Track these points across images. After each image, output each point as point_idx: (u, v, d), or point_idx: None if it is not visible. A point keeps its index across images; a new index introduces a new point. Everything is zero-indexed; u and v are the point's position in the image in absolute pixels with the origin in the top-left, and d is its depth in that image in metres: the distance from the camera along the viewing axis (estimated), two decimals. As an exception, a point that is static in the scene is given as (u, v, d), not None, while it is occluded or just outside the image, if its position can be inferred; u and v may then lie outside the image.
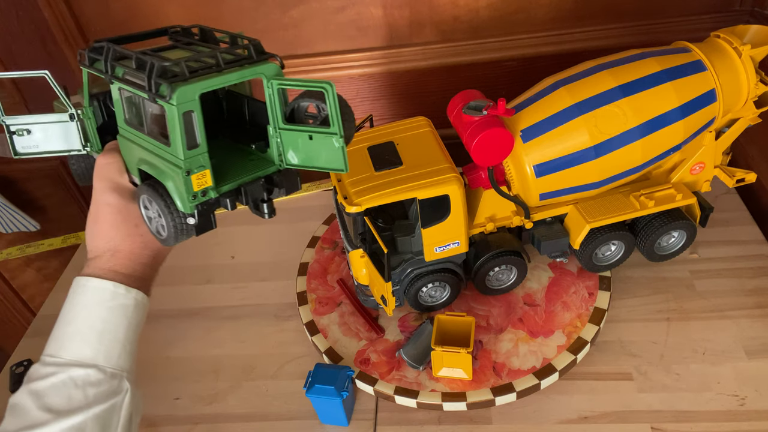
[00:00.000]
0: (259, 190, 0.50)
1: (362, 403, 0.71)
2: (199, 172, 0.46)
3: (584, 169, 0.68)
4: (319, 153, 0.49)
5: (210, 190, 0.48)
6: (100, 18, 0.95)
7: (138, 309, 0.54)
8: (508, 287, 0.78)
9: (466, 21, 0.91)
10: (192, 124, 0.45)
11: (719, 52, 0.68)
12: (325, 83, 0.45)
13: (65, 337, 0.51)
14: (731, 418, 0.64)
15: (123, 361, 0.52)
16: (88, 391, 0.49)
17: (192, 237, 0.51)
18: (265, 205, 0.50)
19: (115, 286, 0.52)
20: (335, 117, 0.46)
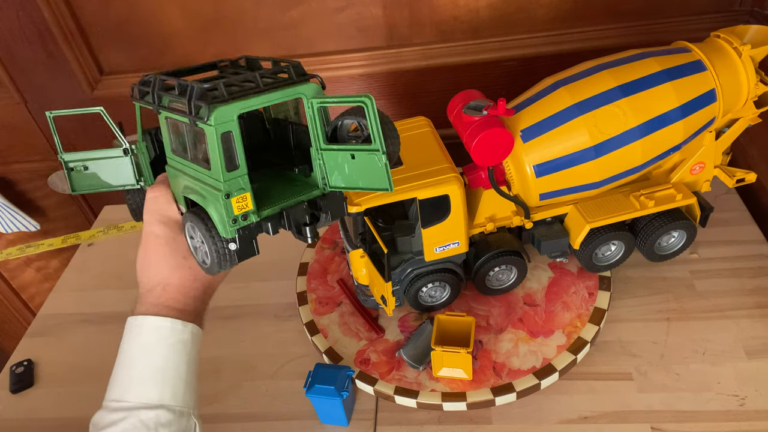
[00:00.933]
0: (302, 214, 0.49)
1: (362, 403, 0.71)
2: (239, 195, 0.46)
3: (584, 169, 0.68)
4: (362, 173, 0.47)
5: (251, 214, 0.47)
6: (100, 18, 0.95)
7: (195, 343, 0.53)
8: (508, 287, 0.78)
9: (466, 21, 0.91)
10: (231, 145, 0.45)
11: (719, 52, 0.68)
12: (364, 96, 0.43)
13: (128, 379, 0.50)
14: (731, 418, 0.64)
15: (188, 397, 0.52)
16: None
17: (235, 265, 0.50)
18: (308, 228, 0.49)
19: (173, 322, 0.51)
20: (376, 133, 0.44)
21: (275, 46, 0.96)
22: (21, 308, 1.40)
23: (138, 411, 0.48)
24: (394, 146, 0.47)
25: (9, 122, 1.09)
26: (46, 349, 0.85)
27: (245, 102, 0.45)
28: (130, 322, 0.52)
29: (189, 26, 0.95)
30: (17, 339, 0.88)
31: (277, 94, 0.47)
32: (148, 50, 0.99)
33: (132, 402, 0.49)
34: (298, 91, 0.48)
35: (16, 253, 1.10)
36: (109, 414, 0.49)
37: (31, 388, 0.80)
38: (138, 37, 0.97)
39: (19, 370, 0.82)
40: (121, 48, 0.99)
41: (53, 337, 0.87)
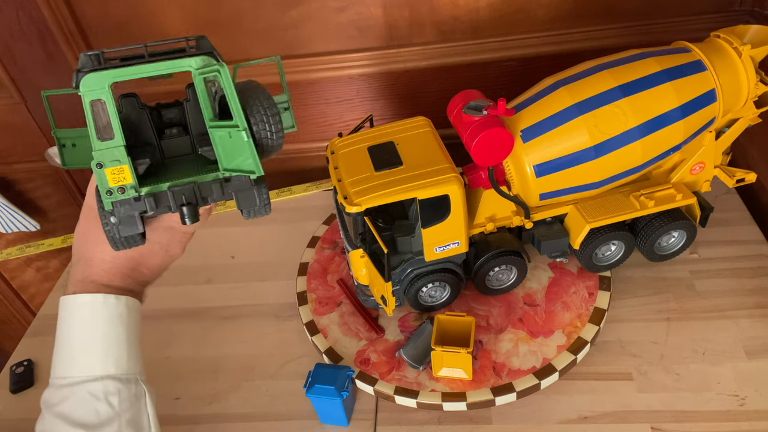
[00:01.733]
0: (186, 194, 0.47)
1: (362, 403, 0.71)
2: (113, 166, 0.44)
3: (584, 169, 0.68)
4: (234, 153, 0.45)
5: (129, 188, 0.45)
6: (100, 18, 0.95)
7: (132, 314, 0.53)
8: (508, 287, 0.78)
9: (466, 21, 0.91)
10: (104, 114, 0.43)
11: (719, 52, 0.68)
12: (217, 66, 0.41)
13: (71, 355, 0.51)
14: (731, 418, 0.64)
15: (133, 364, 0.52)
16: (111, 400, 0.49)
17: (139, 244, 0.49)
18: (184, 209, 0.47)
19: (105, 297, 0.51)
20: (233, 105, 0.42)
21: (275, 46, 0.96)
22: (21, 308, 1.40)
23: (85, 384, 0.49)
24: (268, 128, 0.45)
25: (9, 122, 1.09)
26: (46, 349, 0.84)
27: (119, 71, 0.43)
28: (64, 302, 0.52)
29: (189, 27, 0.95)
30: (17, 339, 0.88)
31: (158, 65, 0.44)
32: (148, 50, 0.98)
33: (77, 376, 0.49)
34: (182, 64, 0.45)
35: (16, 253, 1.11)
36: (58, 391, 0.49)
37: (31, 388, 0.80)
38: (138, 38, 0.97)
39: (19, 370, 0.82)
40: (121, 48, 0.99)
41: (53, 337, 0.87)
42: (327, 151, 0.75)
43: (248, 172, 0.45)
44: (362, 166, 0.69)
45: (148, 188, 0.46)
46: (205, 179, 0.47)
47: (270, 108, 0.46)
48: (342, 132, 0.77)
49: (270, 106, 0.46)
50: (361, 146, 0.72)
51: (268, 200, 0.49)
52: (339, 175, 0.70)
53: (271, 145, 0.47)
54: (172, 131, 0.54)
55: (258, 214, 0.51)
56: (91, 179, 0.54)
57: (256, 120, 0.45)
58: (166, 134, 0.53)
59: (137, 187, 0.45)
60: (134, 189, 0.45)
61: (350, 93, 1.01)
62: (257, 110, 0.45)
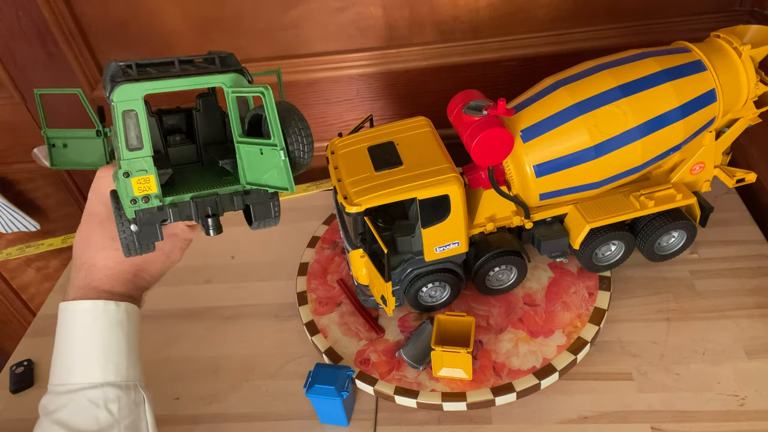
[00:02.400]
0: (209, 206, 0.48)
1: (362, 403, 0.71)
2: (140, 176, 0.45)
3: (584, 169, 0.68)
4: (267, 169, 0.46)
5: (153, 198, 0.46)
6: (100, 18, 0.95)
7: (132, 321, 0.53)
8: (508, 287, 0.78)
9: (466, 21, 0.91)
10: (135, 124, 0.44)
11: (719, 52, 0.68)
12: (262, 87, 0.42)
13: (69, 363, 0.51)
14: (731, 418, 0.64)
15: (132, 371, 0.52)
16: (110, 407, 0.49)
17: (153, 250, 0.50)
18: (210, 220, 0.48)
19: (106, 303, 0.51)
20: (273, 126, 0.43)
21: (275, 46, 0.96)
22: (21, 308, 1.40)
23: (84, 391, 0.49)
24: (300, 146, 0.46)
25: (9, 122, 1.09)
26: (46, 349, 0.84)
27: (153, 83, 0.44)
28: (64, 308, 0.52)
29: (189, 26, 0.95)
30: (17, 339, 0.88)
31: (190, 80, 0.46)
32: (148, 50, 0.99)
33: (77, 383, 0.49)
34: (214, 80, 0.46)
35: (16, 253, 1.11)
36: (57, 397, 0.49)
37: (31, 388, 0.80)
38: (138, 37, 0.97)
39: (19, 370, 0.82)
40: (121, 48, 0.99)
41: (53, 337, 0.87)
42: (327, 151, 0.75)
43: (281, 188, 0.46)
44: (362, 166, 0.69)
45: (172, 198, 0.47)
46: (226, 191, 0.48)
47: (304, 129, 0.47)
48: (342, 132, 0.77)
49: (304, 128, 0.47)
50: (361, 146, 0.72)
51: (279, 212, 0.51)
52: (339, 175, 0.70)
53: (302, 164, 0.48)
54: (176, 138, 0.54)
55: (268, 225, 0.52)
56: (92, 185, 0.54)
57: (291, 140, 0.46)
58: (170, 141, 0.54)
59: (161, 197, 0.46)
60: (158, 198, 0.46)
61: (350, 93, 1.01)
62: (293, 131, 0.46)
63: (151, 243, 0.49)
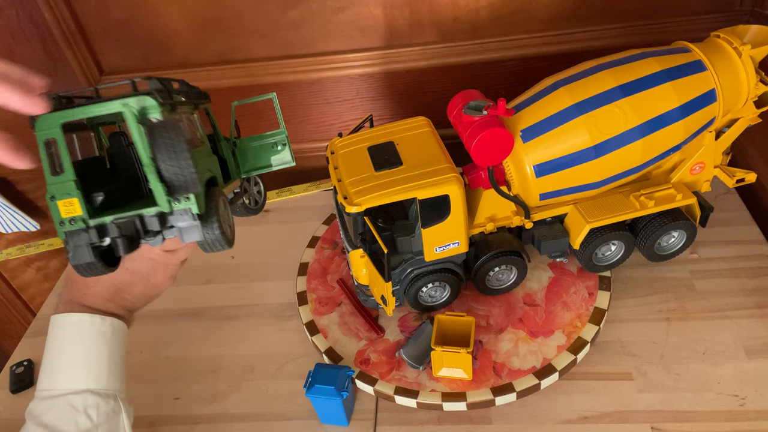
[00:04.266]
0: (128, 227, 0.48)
1: (362, 403, 0.71)
2: (65, 199, 0.47)
3: (584, 169, 0.68)
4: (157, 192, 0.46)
5: (78, 220, 0.47)
6: (100, 18, 0.95)
7: (116, 334, 0.56)
8: (508, 287, 0.78)
9: (466, 21, 0.91)
10: (56, 151, 0.46)
11: (719, 52, 0.68)
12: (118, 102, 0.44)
13: (55, 370, 0.54)
14: (731, 418, 0.64)
15: (112, 382, 0.55)
16: (90, 413, 0.52)
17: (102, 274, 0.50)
18: (118, 240, 0.48)
19: (91, 317, 0.55)
20: (141, 149, 0.44)
21: (275, 46, 0.96)
22: (21, 308, 1.40)
23: (66, 396, 0.53)
24: (173, 165, 0.45)
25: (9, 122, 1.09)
26: None
27: (67, 112, 0.47)
28: (53, 320, 0.56)
29: (189, 26, 0.95)
30: (17, 339, 0.88)
31: (94, 107, 0.47)
32: (148, 50, 0.99)
33: (60, 389, 0.53)
34: (112, 107, 0.46)
35: (16, 253, 1.11)
36: (41, 402, 0.53)
37: (31, 388, 0.80)
38: (138, 37, 0.97)
39: (19, 370, 0.82)
40: (121, 48, 0.99)
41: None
42: (327, 151, 0.75)
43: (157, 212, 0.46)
44: (362, 166, 0.69)
45: (95, 220, 0.48)
46: (146, 212, 0.48)
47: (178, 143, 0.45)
48: (342, 132, 0.77)
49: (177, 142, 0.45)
50: (361, 146, 0.72)
51: (220, 236, 0.49)
52: (339, 175, 0.70)
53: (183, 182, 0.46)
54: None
55: (212, 249, 0.51)
56: None
57: (162, 158, 0.45)
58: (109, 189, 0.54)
59: (86, 219, 0.47)
60: (83, 221, 0.47)
61: (350, 93, 1.01)
62: (164, 147, 0.45)
63: (97, 264, 0.49)
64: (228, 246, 0.51)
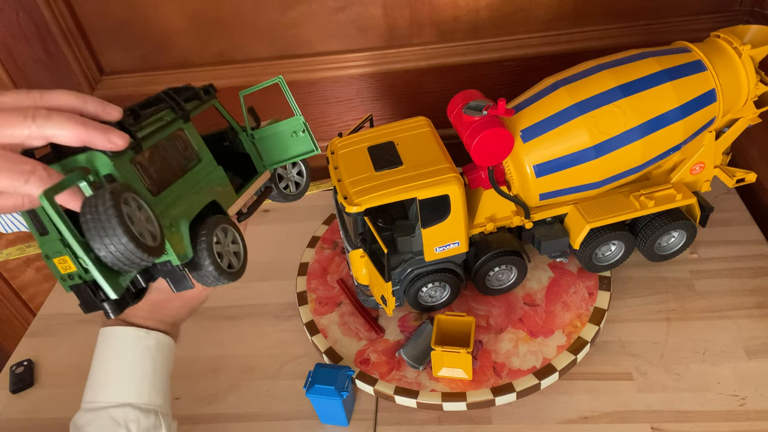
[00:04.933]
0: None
1: (362, 403, 0.71)
2: (58, 257, 0.46)
3: (584, 169, 0.68)
4: None
5: (75, 276, 0.46)
6: (100, 18, 0.95)
7: (161, 349, 0.57)
8: (508, 287, 0.78)
9: (466, 21, 0.91)
10: (36, 216, 0.45)
11: (719, 52, 0.68)
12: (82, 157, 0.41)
13: (99, 383, 0.55)
14: (731, 418, 0.64)
15: (154, 397, 0.55)
16: (130, 426, 0.53)
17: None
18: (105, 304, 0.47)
19: (136, 331, 0.55)
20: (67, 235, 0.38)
21: (275, 46, 0.96)
22: (21, 308, 1.40)
23: (108, 409, 0.53)
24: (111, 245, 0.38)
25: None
26: (46, 349, 0.85)
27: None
28: (101, 333, 0.56)
29: (189, 26, 0.95)
30: (17, 339, 0.88)
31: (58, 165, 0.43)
32: (148, 50, 0.99)
33: (103, 402, 0.53)
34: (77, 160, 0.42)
35: (16, 253, 1.11)
36: (85, 414, 0.53)
37: (31, 388, 0.80)
38: (138, 37, 0.97)
39: (19, 370, 0.82)
40: (121, 48, 0.99)
41: (53, 337, 0.87)
42: (327, 151, 0.75)
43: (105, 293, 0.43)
44: (362, 166, 0.69)
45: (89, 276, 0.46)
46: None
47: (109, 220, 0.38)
48: (342, 132, 0.77)
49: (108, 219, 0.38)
50: (361, 146, 0.72)
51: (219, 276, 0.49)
52: (339, 175, 0.70)
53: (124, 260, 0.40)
54: None
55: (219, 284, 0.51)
56: None
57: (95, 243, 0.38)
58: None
59: (83, 275, 0.46)
60: (79, 277, 0.46)
61: (350, 93, 1.01)
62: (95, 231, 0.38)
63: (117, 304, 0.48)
64: (234, 279, 0.51)
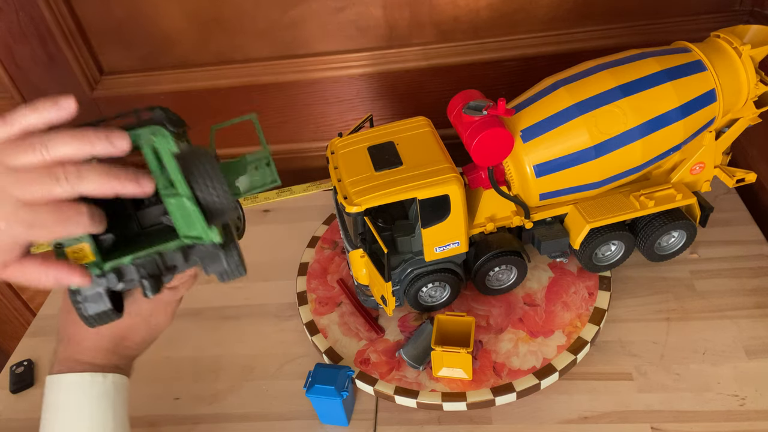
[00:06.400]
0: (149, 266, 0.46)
1: (362, 403, 0.71)
2: (72, 246, 0.43)
3: (584, 169, 0.68)
4: (186, 218, 0.43)
5: (91, 266, 0.44)
6: (100, 18, 0.95)
7: (120, 392, 0.52)
8: (508, 287, 0.78)
9: (466, 21, 0.91)
10: None
11: (719, 52, 0.68)
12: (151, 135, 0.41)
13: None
14: (731, 418, 0.64)
15: None
16: None
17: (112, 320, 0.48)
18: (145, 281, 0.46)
19: (92, 376, 0.50)
20: (173, 173, 0.41)
21: (275, 46, 0.96)
22: (21, 308, 1.40)
23: None
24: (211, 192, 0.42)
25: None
26: (46, 349, 0.85)
27: None
28: (49, 381, 0.51)
29: (189, 26, 0.95)
30: (17, 339, 0.88)
31: None
32: (148, 50, 0.99)
33: None
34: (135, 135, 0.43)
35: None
36: None
37: (31, 388, 0.80)
38: (138, 37, 0.97)
39: (19, 370, 0.82)
40: (121, 48, 0.99)
41: (53, 337, 0.87)
42: (327, 151, 0.75)
43: (201, 239, 0.43)
44: (362, 166, 0.69)
45: (111, 263, 0.45)
46: (167, 248, 0.46)
47: (210, 172, 0.43)
48: (342, 132, 0.77)
49: (213, 168, 0.43)
50: (361, 146, 0.72)
51: (239, 262, 0.49)
52: (339, 175, 0.70)
53: (221, 209, 0.44)
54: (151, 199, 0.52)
55: (231, 277, 0.50)
56: None
57: (199, 185, 0.43)
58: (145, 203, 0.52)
59: (100, 264, 0.44)
60: (96, 266, 0.44)
61: (350, 93, 1.01)
62: (199, 175, 0.43)
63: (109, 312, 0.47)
64: (245, 272, 0.50)
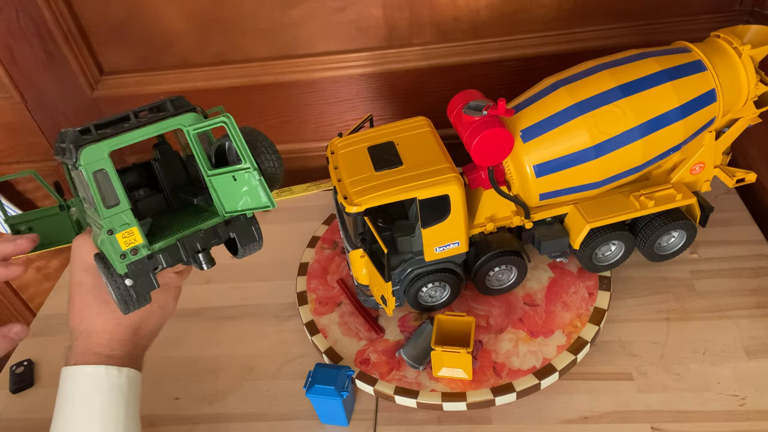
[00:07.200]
0: (197, 242, 0.49)
1: (362, 403, 0.71)
2: (123, 230, 0.46)
3: (584, 169, 0.68)
4: (244, 193, 0.47)
5: (141, 248, 0.47)
6: (100, 18, 0.95)
7: (132, 387, 0.53)
8: (508, 287, 0.78)
9: (466, 21, 0.91)
10: (107, 182, 0.45)
11: (719, 52, 0.68)
12: (223, 117, 0.44)
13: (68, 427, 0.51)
14: (731, 418, 0.64)
15: None
16: None
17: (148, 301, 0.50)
18: (200, 255, 0.49)
19: (107, 369, 0.52)
20: (242, 151, 0.45)
21: (275, 46, 0.96)
22: (21, 308, 1.40)
23: None
24: (271, 162, 0.48)
25: (9, 122, 1.09)
26: (46, 349, 0.85)
27: (115, 140, 0.45)
28: (65, 373, 0.52)
29: (189, 26, 0.95)
30: (17, 339, 0.88)
31: (150, 128, 0.47)
32: (148, 50, 0.99)
33: None
34: (175, 123, 0.48)
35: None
36: None
37: (31, 388, 0.81)
38: (138, 37, 0.97)
39: (19, 370, 0.82)
40: (121, 48, 0.99)
41: (53, 337, 0.87)
42: (327, 151, 0.75)
43: (262, 207, 0.47)
44: (362, 166, 0.69)
45: (160, 244, 0.48)
46: (208, 225, 0.49)
47: (270, 145, 0.50)
48: (342, 132, 0.77)
49: (270, 144, 0.50)
50: (361, 146, 0.72)
51: (261, 234, 0.53)
52: (339, 175, 0.70)
53: (277, 178, 0.50)
54: (140, 193, 0.55)
55: (253, 250, 0.53)
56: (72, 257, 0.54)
57: (262, 159, 0.48)
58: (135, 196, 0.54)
59: (149, 246, 0.47)
60: (146, 248, 0.47)
61: (350, 93, 1.01)
62: (262, 150, 0.48)
63: (148, 294, 0.50)
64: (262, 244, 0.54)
